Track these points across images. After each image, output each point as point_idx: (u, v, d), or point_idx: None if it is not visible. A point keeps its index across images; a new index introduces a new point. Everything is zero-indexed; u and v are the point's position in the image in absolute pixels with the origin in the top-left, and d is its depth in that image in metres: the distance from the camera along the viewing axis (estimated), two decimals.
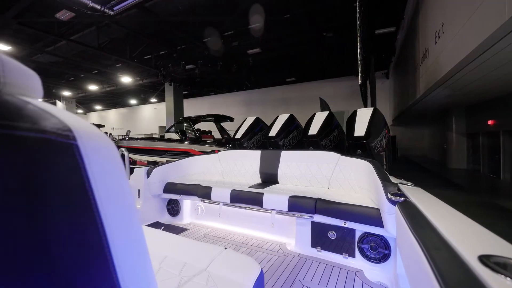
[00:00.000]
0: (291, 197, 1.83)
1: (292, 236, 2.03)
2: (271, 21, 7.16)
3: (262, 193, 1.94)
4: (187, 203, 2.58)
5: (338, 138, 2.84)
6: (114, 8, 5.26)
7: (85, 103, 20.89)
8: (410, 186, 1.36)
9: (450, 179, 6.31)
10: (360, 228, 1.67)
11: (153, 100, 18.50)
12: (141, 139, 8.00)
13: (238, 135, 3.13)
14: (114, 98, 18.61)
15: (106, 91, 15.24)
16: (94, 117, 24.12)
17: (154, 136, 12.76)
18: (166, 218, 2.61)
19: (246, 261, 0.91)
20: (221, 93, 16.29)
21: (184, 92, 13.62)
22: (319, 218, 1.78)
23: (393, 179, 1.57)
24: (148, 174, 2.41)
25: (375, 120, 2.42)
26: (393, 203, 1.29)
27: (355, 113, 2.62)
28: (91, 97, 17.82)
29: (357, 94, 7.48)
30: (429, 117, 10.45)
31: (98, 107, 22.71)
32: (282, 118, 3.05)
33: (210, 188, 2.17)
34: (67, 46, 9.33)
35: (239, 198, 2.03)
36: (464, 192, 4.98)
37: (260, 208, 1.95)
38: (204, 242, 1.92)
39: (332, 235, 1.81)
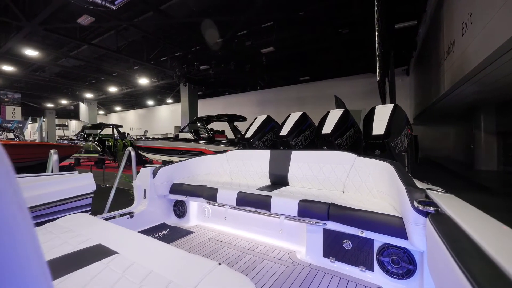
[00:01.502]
0: (301, 201, 1.70)
1: (302, 243, 1.89)
2: (285, 19, 7.05)
3: (270, 196, 1.83)
4: (194, 205, 2.51)
5: (354, 137, 2.66)
6: (116, 2, 5.37)
7: (106, 104, 21.85)
8: (440, 193, 1.18)
9: (479, 182, 5.86)
10: (379, 239, 1.49)
11: (169, 100, 18.96)
12: (157, 139, 8.19)
13: (248, 134, 3.02)
14: (133, 100, 19.30)
15: (125, 93, 15.82)
16: (114, 117, 25.15)
17: (169, 136, 13.04)
18: (173, 220, 2.55)
19: (240, 281, 0.81)
20: (235, 93, 16.35)
21: (198, 93, 13.81)
22: (332, 226, 1.63)
23: (418, 184, 1.40)
24: (154, 174, 2.36)
25: (396, 118, 2.22)
26: (421, 213, 1.13)
27: (373, 110, 2.42)
28: (111, 99, 18.60)
29: (374, 92, 7.15)
30: (454, 115, 9.81)
31: (118, 108, 23.66)
32: (294, 116, 2.90)
33: (216, 189, 2.08)
34: (88, 50, 9.79)
35: (245, 201, 1.92)
36: (496, 196, 4.59)
37: (268, 213, 1.83)
38: (197, 254, 1.79)
39: (347, 244, 1.65)
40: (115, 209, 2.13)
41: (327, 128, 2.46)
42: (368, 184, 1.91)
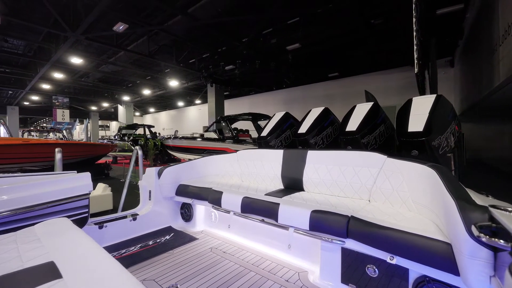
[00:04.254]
0: (314, 212, 1.41)
1: (316, 262, 1.60)
2: (311, 13, 6.74)
3: (278, 204, 1.58)
4: (201, 208, 2.35)
5: (385, 135, 2.27)
6: None
7: (141, 106, 23.43)
8: None
9: None
10: (416, 269, 1.12)
11: (197, 101, 19.64)
12: (185, 138, 8.49)
13: (264, 133, 2.77)
14: (164, 101, 20.39)
15: (158, 95, 16.76)
16: (148, 118, 26.87)
17: (194, 135, 13.49)
18: (179, 224, 2.42)
19: None
20: (261, 92, 16.29)
21: (225, 93, 14.04)
22: (352, 245, 1.31)
23: (474, 196, 1.05)
24: (159, 174, 2.24)
25: (439, 111, 1.81)
26: (485, 245, 0.80)
27: (409, 102, 2.01)
28: (145, 101, 19.88)
29: (411, 86, 6.46)
30: (511, 110, 8.50)
31: (151, 109, 25.22)
32: (315, 112, 2.59)
33: (221, 193, 1.90)
34: (125, 56, 10.55)
35: (251, 207, 1.71)
36: None
37: (276, 223, 1.59)
38: (195, 266, 1.64)
39: (371, 271, 1.32)
40: (130, 208, 2.12)
41: (353, 125, 2.11)
42: (402, 193, 1.54)
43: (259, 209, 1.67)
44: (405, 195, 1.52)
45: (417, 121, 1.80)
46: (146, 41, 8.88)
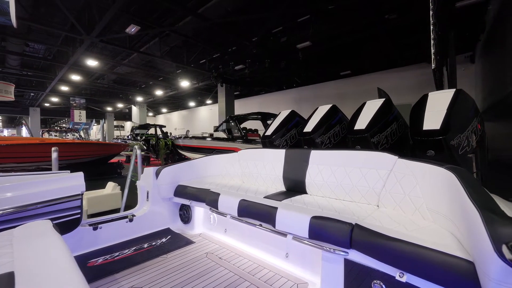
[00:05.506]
0: (314, 218, 1.30)
1: (317, 273, 1.47)
2: (323, 10, 6.59)
3: (276, 208, 1.46)
4: (199, 210, 2.26)
5: (398, 134, 2.10)
6: None
7: (154, 106, 23.97)
8: None
9: None
10: None
11: (208, 101, 19.83)
12: (195, 138, 8.57)
13: (269, 132, 2.64)
14: (176, 101, 20.74)
15: (170, 95, 17.06)
16: (161, 118, 27.44)
17: (204, 135, 13.62)
18: (178, 226, 2.33)
19: None
20: (271, 92, 16.20)
21: (235, 93, 14.06)
22: (356, 257, 1.18)
23: (502, 204, 0.91)
24: (157, 174, 2.17)
25: (459, 107, 1.63)
26: None
27: (424, 98, 1.82)
28: (158, 101, 20.30)
29: (428, 83, 6.16)
30: None
31: (164, 110, 25.75)
32: (322, 109, 2.45)
33: (218, 195, 1.81)
34: (138, 58, 10.81)
35: (248, 211, 1.60)
36: None
37: (274, 229, 1.48)
38: (187, 272, 1.53)
39: (378, 287, 1.19)
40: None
41: (362, 123, 1.95)
42: (415, 198, 1.37)
43: (256, 213, 1.57)
44: (419, 201, 1.36)
45: (433, 118, 1.62)
46: (157, 42, 9.05)
